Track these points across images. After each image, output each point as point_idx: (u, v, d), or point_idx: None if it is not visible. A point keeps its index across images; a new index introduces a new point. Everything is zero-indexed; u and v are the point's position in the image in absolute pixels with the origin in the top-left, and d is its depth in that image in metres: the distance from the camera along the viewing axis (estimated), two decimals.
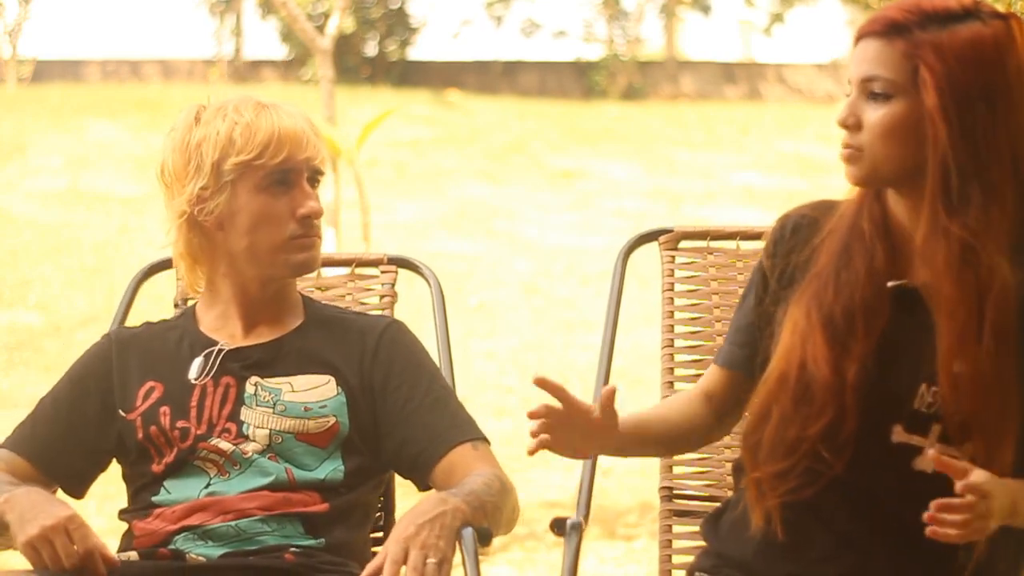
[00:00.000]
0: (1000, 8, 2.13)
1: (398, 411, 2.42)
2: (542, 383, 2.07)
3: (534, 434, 2.09)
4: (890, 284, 2.09)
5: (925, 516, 1.92)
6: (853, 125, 2.07)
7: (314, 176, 2.44)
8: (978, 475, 1.94)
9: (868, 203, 2.13)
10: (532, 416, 2.08)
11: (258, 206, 2.40)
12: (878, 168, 2.07)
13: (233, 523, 2.33)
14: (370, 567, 2.16)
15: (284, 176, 2.40)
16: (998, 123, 2.02)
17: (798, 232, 2.19)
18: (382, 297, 2.80)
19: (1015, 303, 2.03)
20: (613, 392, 2.11)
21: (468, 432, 2.42)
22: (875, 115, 2.05)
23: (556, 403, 2.10)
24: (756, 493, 2.12)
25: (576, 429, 2.11)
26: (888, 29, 2.05)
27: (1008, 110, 2.03)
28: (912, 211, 2.09)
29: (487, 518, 2.28)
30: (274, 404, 2.40)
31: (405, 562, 2.15)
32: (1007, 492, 1.98)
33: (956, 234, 2.02)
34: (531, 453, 2.10)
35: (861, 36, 2.08)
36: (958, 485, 1.92)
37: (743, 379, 2.22)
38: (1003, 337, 2.02)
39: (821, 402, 2.06)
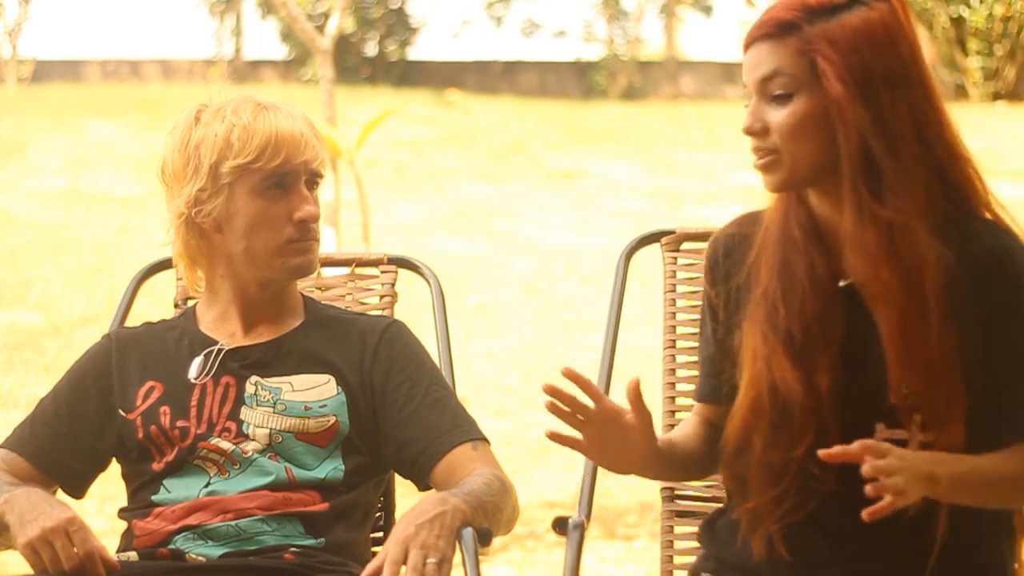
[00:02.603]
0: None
1: (398, 411, 2.42)
2: (570, 374, 2.04)
3: (552, 435, 2.06)
4: (841, 284, 2.09)
5: (868, 488, 1.92)
6: (760, 130, 2.07)
7: (312, 179, 2.43)
8: (882, 443, 1.95)
9: (792, 209, 2.12)
10: (552, 408, 2.05)
11: (255, 209, 2.39)
12: (796, 169, 2.06)
13: (233, 523, 2.33)
14: (370, 567, 2.16)
15: (281, 179, 2.40)
16: (899, 102, 2.03)
17: (731, 254, 2.19)
18: (382, 297, 2.80)
19: (947, 278, 2.03)
20: (638, 384, 2.06)
21: (468, 432, 2.41)
22: (780, 115, 2.05)
23: (586, 400, 2.07)
24: (753, 521, 2.11)
25: (611, 433, 2.09)
26: (777, 29, 2.05)
27: (908, 87, 2.04)
28: (836, 206, 2.08)
29: (487, 518, 2.28)
30: (274, 403, 2.39)
31: (405, 562, 2.15)
32: (921, 459, 1.98)
33: (884, 218, 2.02)
34: (550, 436, 2.06)
35: (751, 41, 2.08)
36: (855, 445, 1.93)
37: (721, 410, 2.21)
38: (944, 314, 2.02)
39: (801, 422, 2.06)
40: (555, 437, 2.08)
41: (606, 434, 2.10)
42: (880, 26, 2.04)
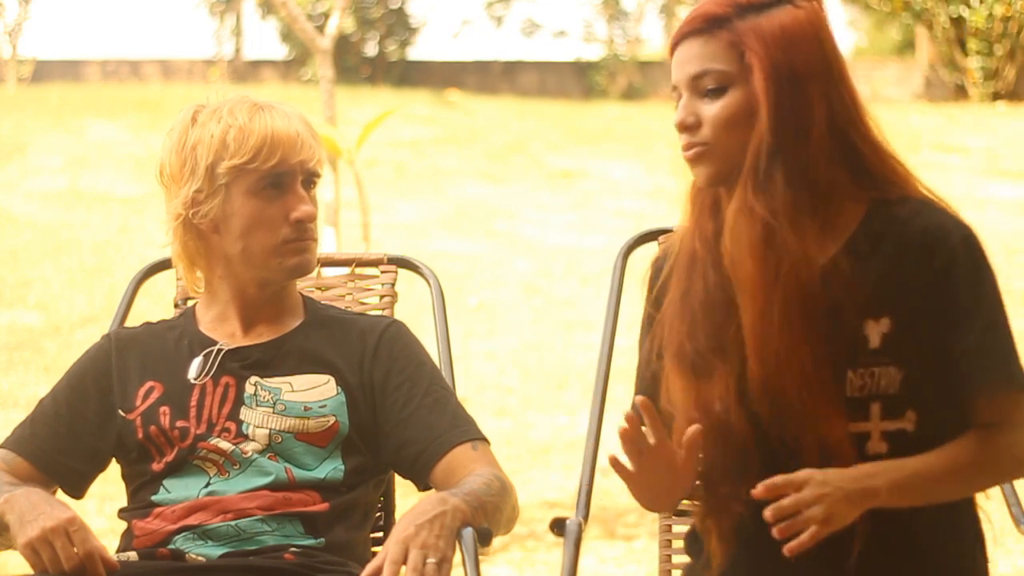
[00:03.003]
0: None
1: (398, 411, 2.42)
2: (645, 406, 2.04)
3: (614, 461, 2.08)
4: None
5: (775, 532, 1.95)
6: (693, 124, 2.09)
7: (309, 178, 2.43)
8: (800, 472, 1.96)
9: (701, 222, 2.14)
10: (623, 434, 2.05)
11: (251, 210, 2.39)
12: (726, 162, 2.08)
13: (233, 523, 2.33)
14: (370, 567, 2.16)
15: (278, 180, 2.39)
16: (819, 98, 2.05)
17: (659, 274, 2.21)
18: (382, 297, 2.80)
19: (817, 280, 2.03)
20: (698, 433, 2.05)
21: (468, 432, 2.41)
22: (713, 109, 2.07)
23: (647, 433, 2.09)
24: (705, 530, 2.14)
25: (661, 472, 2.10)
26: (708, 24, 2.08)
27: (829, 84, 2.07)
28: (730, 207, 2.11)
29: (487, 518, 2.28)
30: (274, 404, 2.39)
31: (405, 562, 2.15)
32: (848, 477, 1.98)
33: (759, 214, 2.04)
34: (612, 463, 2.08)
35: (681, 38, 2.10)
36: (776, 480, 1.95)
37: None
38: (804, 314, 2.02)
39: (706, 441, 2.06)
40: (616, 464, 2.09)
41: (657, 471, 2.10)
42: (807, 24, 2.07)
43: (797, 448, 2.04)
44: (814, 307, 2.03)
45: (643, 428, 2.06)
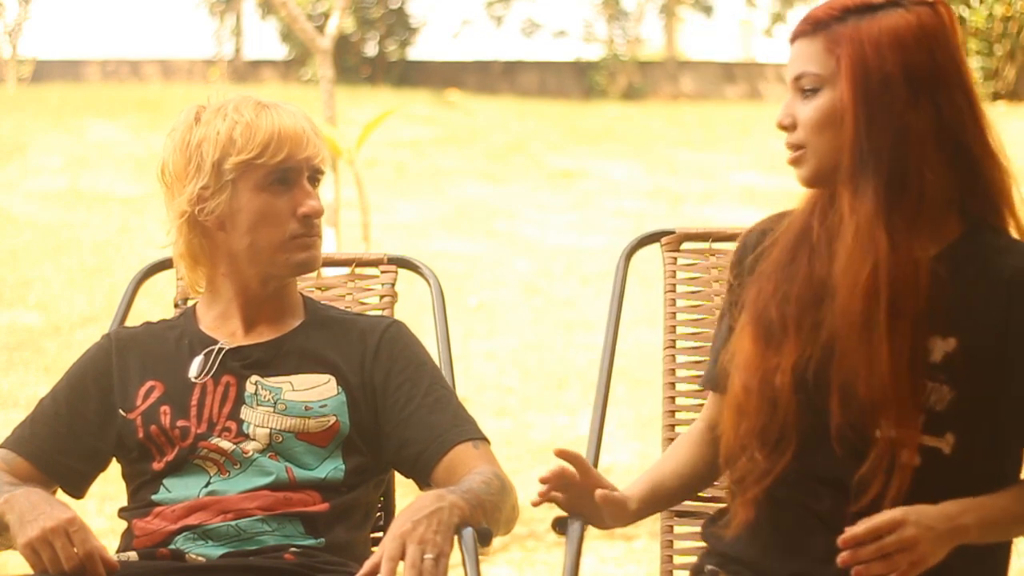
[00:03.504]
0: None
1: (399, 411, 2.42)
2: (562, 454, 2.19)
3: (542, 495, 2.21)
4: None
5: (839, 559, 1.97)
6: (789, 125, 2.13)
7: (314, 175, 2.44)
8: (895, 511, 1.99)
9: (821, 207, 2.15)
10: (543, 481, 2.19)
11: (259, 205, 2.40)
12: (821, 164, 2.10)
13: (233, 523, 2.33)
14: (367, 564, 2.16)
15: (284, 175, 2.40)
16: (918, 107, 2.05)
17: (755, 249, 2.22)
18: (382, 297, 2.80)
19: (919, 285, 2.04)
20: (558, 473, 2.20)
21: (469, 432, 2.41)
22: (806, 111, 2.10)
23: (571, 470, 2.21)
24: (731, 496, 2.19)
25: (589, 497, 2.22)
26: (812, 27, 2.10)
27: (936, 91, 2.06)
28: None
29: (486, 516, 2.28)
30: (274, 403, 2.39)
31: (402, 558, 2.15)
32: (940, 516, 2.01)
33: (855, 215, 2.05)
34: (535, 504, 2.21)
35: (792, 39, 2.13)
36: (860, 526, 1.97)
37: (718, 398, 2.26)
38: (892, 315, 2.03)
39: (755, 406, 2.10)
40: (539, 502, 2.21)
41: (584, 498, 2.24)
42: (914, 28, 2.06)
43: (861, 444, 2.05)
44: (901, 310, 2.04)
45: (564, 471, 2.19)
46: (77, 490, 2.48)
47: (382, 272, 2.82)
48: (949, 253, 2.08)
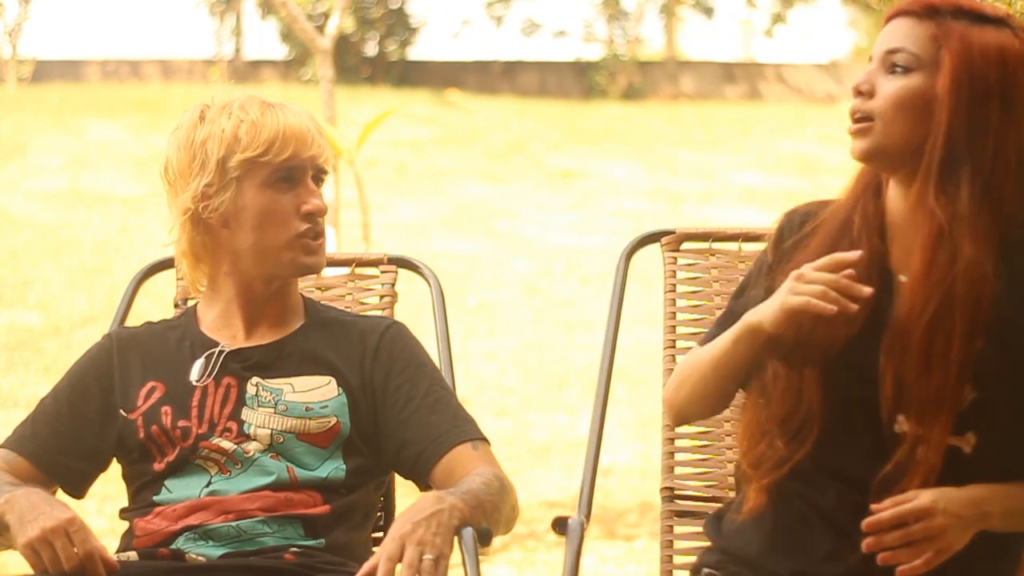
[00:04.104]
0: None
1: (398, 412, 2.42)
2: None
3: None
4: (903, 278, 2.11)
5: (864, 544, 1.99)
6: (867, 91, 2.12)
7: (318, 174, 2.44)
8: (922, 497, 1.99)
9: (864, 200, 2.16)
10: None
11: (263, 203, 2.40)
12: (884, 142, 2.10)
13: (234, 523, 2.33)
14: (366, 565, 2.16)
15: (289, 173, 2.40)
16: (1010, 127, 2.07)
17: (796, 228, 2.22)
18: (382, 297, 2.80)
19: (986, 294, 2.05)
20: None
21: (468, 432, 2.41)
22: (891, 85, 2.10)
23: None
24: (746, 480, 2.18)
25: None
26: (923, 10, 2.11)
27: (1022, 121, 2.08)
28: (909, 201, 2.12)
29: (485, 517, 2.28)
30: (275, 404, 2.39)
31: (401, 559, 2.15)
32: (965, 502, 2.02)
33: (938, 215, 2.06)
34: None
35: (895, 15, 2.14)
36: (889, 511, 1.98)
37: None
38: (964, 320, 2.04)
39: (782, 388, 2.11)
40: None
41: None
42: (1017, 53, 2.09)
43: (890, 440, 2.06)
44: (973, 317, 2.05)
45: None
46: (77, 490, 2.48)
47: (382, 272, 2.82)
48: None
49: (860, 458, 2.08)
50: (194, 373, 2.43)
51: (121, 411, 2.43)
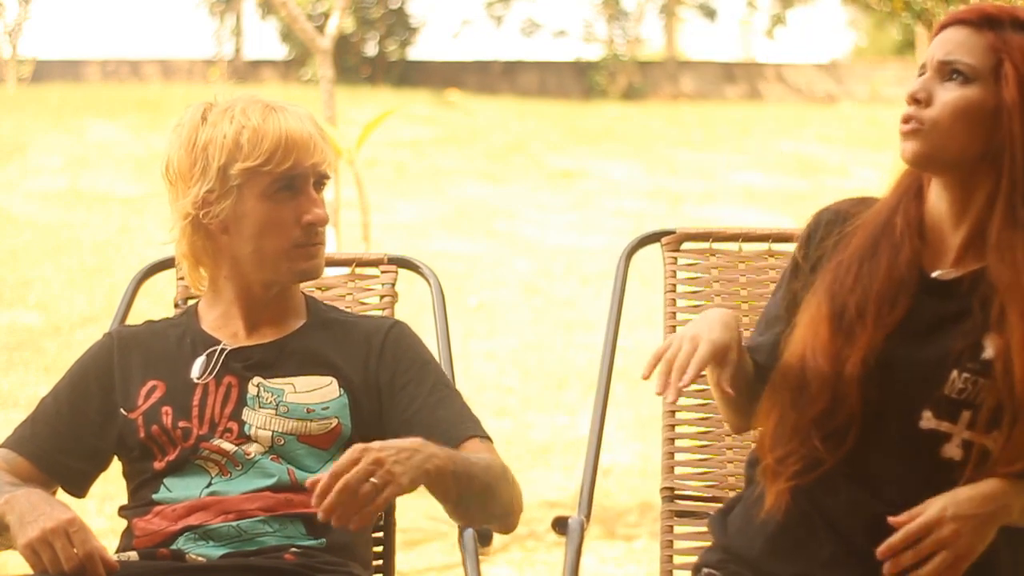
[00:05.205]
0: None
1: (403, 410, 2.41)
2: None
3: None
4: (936, 274, 2.13)
5: (884, 571, 2.00)
6: (924, 99, 2.12)
7: (320, 180, 2.43)
8: (930, 510, 2.00)
9: (905, 201, 2.17)
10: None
11: (264, 212, 2.38)
12: (938, 149, 2.11)
13: (234, 523, 2.33)
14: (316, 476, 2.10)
15: (291, 182, 2.39)
16: None
17: (832, 224, 2.23)
18: (382, 297, 2.80)
19: None
20: None
21: (474, 429, 2.41)
22: (950, 95, 2.10)
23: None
24: (769, 478, 2.16)
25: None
26: (980, 20, 2.11)
27: None
28: (957, 205, 2.13)
29: (468, 488, 2.23)
30: (276, 405, 2.39)
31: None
32: (979, 499, 2.02)
33: None
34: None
35: (950, 23, 2.14)
36: (899, 535, 1.99)
37: (757, 366, 2.25)
38: None
39: (816, 390, 2.11)
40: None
41: None
42: None
43: (916, 436, 2.06)
44: None
45: None
46: (78, 489, 2.48)
47: (382, 272, 2.82)
48: None
49: (882, 456, 2.08)
50: (195, 370, 2.43)
51: (122, 410, 2.43)
